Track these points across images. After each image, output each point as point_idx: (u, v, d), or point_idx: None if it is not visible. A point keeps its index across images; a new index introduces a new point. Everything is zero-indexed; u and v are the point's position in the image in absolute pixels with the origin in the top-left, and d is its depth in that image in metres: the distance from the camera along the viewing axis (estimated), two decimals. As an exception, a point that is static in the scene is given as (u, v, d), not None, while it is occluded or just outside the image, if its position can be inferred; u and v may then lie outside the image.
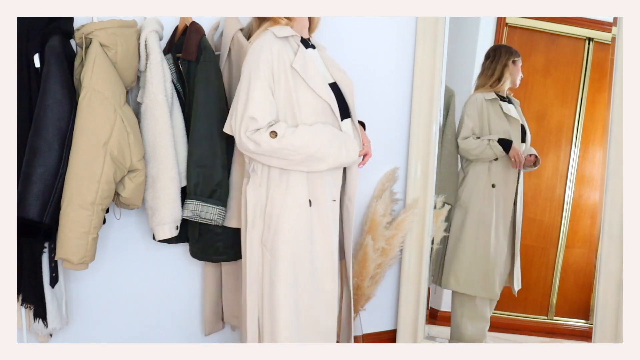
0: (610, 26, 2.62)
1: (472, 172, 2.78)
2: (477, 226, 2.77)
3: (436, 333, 2.87)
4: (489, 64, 2.78)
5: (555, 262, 2.81)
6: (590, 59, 2.75)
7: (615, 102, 2.55)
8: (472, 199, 2.78)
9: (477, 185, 2.77)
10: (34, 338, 2.32)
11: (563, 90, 2.74)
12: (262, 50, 2.00)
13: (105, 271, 2.47)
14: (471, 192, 2.78)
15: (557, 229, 2.80)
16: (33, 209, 2.02)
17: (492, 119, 2.75)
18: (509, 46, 2.77)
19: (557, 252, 2.80)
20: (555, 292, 2.79)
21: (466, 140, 2.75)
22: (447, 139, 2.82)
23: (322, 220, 2.11)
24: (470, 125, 2.75)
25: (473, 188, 2.78)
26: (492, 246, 2.76)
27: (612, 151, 2.56)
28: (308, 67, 2.03)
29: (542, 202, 2.82)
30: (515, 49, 2.76)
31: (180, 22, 2.32)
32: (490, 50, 2.79)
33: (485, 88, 2.76)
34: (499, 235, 2.76)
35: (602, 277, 2.58)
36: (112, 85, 2.07)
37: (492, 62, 2.77)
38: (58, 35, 2.05)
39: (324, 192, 2.10)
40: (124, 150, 2.09)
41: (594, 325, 2.61)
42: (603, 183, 2.60)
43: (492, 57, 2.78)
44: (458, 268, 2.80)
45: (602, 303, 2.59)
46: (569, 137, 2.75)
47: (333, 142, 2.05)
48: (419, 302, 2.84)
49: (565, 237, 2.76)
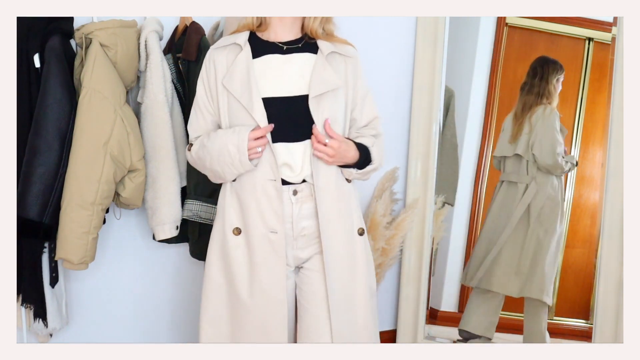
0: (610, 26, 2.62)
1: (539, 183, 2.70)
2: (555, 239, 2.72)
3: (436, 333, 2.87)
4: (537, 82, 2.71)
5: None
6: (590, 59, 2.74)
7: (615, 102, 2.55)
8: (545, 212, 2.70)
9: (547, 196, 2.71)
10: (34, 338, 2.32)
11: (563, 90, 2.74)
12: (203, 64, 1.86)
13: (105, 271, 2.47)
14: (542, 204, 2.71)
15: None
16: (33, 209, 2.02)
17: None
18: (555, 61, 2.69)
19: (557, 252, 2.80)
20: (555, 292, 2.79)
21: (561, 158, 2.64)
22: (447, 139, 2.82)
23: (254, 255, 1.79)
24: (562, 141, 2.66)
25: (544, 201, 2.70)
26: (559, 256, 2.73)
27: (612, 151, 2.56)
28: (234, 81, 1.78)
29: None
30: (560, 63, 2.68)
31: (180, 22, 2.32)
32: (537, 66, 2.71)
33: (543, 104, 2.69)
34: (560, 245, 2.74)
35: (602, 277, 2.58)
36: (112, 85, 2.07)
37: (540, 79, 2.71)
38: (58, 35, 2.05)
39: (255, 220, 1.79)
40: (124, 150, 2.10)
41: (594, 325, 2.61)
42: (603, 183, 2.60)
43: (540, 74, 2.70)
44: (540, 277, 2.71)
45: (602, 303, 2.59)
46: (569, 137, 2.75)
47: (222, 151, 1.76)
48: (419, 302, 2.84)
49: (565, 237, 2.76)
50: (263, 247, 1.79)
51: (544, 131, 2.65)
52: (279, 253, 1.79)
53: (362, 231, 1.90)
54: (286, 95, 1.80)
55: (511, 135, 2.73)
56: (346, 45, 1.89)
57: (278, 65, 1.82)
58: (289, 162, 1.80)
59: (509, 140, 2.73)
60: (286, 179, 1.80)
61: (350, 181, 1.90)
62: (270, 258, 1.79)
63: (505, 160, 2.75)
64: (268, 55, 1.83)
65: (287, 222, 1.81)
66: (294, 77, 1.81)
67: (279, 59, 1.83)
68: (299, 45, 1.85)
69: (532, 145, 2.66)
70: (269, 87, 1.79)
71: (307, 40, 1.87)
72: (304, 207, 1.82)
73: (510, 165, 2.73)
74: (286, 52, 1.83)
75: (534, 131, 2.66)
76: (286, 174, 1.80)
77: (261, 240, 1.79)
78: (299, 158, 1.81)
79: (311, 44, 1.86)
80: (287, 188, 1.80)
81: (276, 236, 1.78)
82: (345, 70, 1.87)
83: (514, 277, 2.73)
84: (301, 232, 1.82)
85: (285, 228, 1.80)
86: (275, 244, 1.78)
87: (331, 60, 1.85)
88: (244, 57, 1.81)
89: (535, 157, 2.65)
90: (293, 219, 1.81)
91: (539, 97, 2.69)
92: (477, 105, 2.86)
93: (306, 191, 1.81)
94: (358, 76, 1.91)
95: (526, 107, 2.71)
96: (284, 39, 1.85)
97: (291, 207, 1.81)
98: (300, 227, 1.82)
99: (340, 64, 1.87)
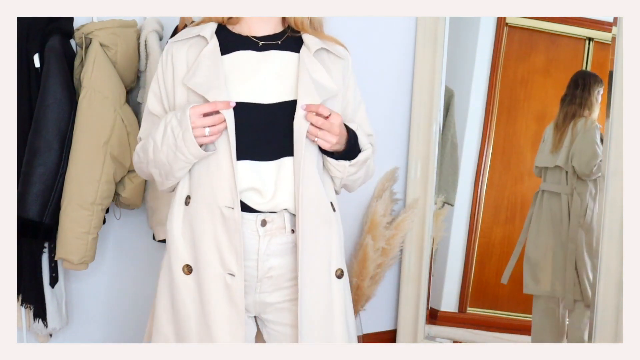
0: (610, 26, 2.61)
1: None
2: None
3: (436, 333, 2.87)
4: (579, 93, 2.72)
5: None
6: (590, 59, 2.74)
7: (615, 102, 2.55)
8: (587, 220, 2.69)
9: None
10: (34, 338, 2.32)
11: (563, 90, 2.74)
12: (159, 60, 1.54)
13: (105, 271, 2.47)
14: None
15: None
16: (33, 209, 2.02)
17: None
18: (595, 74, 2.69)
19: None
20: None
21: (596, 168, 2.62)
22: (447, 139, 2.82)
23: (206, 301, 1.44)
24: (600, 153, 2.63)
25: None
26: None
27: (612, 151, 2.56)
28: (198, 77, 1.45)
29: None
30: (600, 76, 2.67)
31: (180, 22, 2.32)
32: (579, 78, 2.72)
33: (584, 116, 2.70)
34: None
35: (602, 277, 2.58)
36: (112, 85, 2.07)
37: (582, 90, 2.72)
38: (58, 35, 2.06)
39: (209, 257, 1.44)
40: (124, 150, 2.10)
41: (594, 325, 2.61)
42: (603, 183, 2.60)
43: (582, 85, 2.70)
44: (583, 282, 2.70)
45: (602, 303, 2.58)
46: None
47: (166, 130, 1.43)
48: (419, 302, 2.84)
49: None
50: (217, 292, 1.43)
51: (585, 143, 2.67)
52: (236, 301, 1.42)
53: (340, 273, 1.53)
54: (258, 102, 1.45)
55: (552, 145, 2.73)
56: (336, 45, 1.58)
57: (251, 64, 1.48)
58: (256, 185, 1.45)
59: (550, 150, 2.74)
60: (253, 205, 1.46)
61: (335, 209, 1.55)
62: (224, 307, 1.43)
63: (546, 170, 2.76)
64: (239, 52, 1.49)
65: (251, 259, 1.46)
66: (270, 79, 1.47)
67: (253, 57, 1.49)
68: (278, 41, 1.51)
69: (571, 157, 2.67)
70: (238, 90, 1.45)
71: (290, 34, 1.54)
72: (273, 241, 1.47)
73: (550, 175, 2.74)
74: (262, 48, 1.50)
75: (575, 143, 2.68)
76: (253, 199, 1.45)
77: (215, 283, 1.43)
78: (271, 181, 1.45)
79: (294, 40, 1.53)
80: (254, 217, 1.46)
81: (234, 280, 1.42)
82: (336, 73, 1.54)
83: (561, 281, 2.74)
84: (267, 273, 1.48)
85: (246, 268, 1.45)
86: (232, 290, 1.42)
87: (321, 59, 1.52)
88: (209, 51, 1.47)
89: (574, 169, 2.66)
90: (259, 256, 1.46)
91: (580, 108, 2.70)
92: (477, 105, 2.86)
93: (278, 222, 1.47)
94: (350, 83, 1.59)
95: (567, 117, 2.73)
96: (260, 33, 1.51)
97: (257, 241, 1.46)
98: (267, 267, 1.48)
99: (331, 64, 1.54)
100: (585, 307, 2.69)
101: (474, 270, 2.88)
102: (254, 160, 1.45)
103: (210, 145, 1.44)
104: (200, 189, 1.46)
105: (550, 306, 2.75)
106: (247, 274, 1.46)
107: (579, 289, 2.69)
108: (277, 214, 1.47)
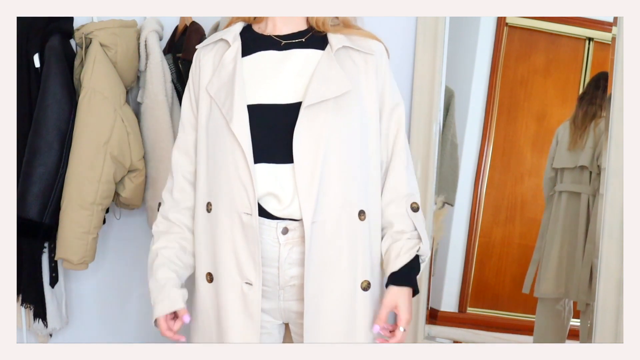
0: (610, 26, 2.61)
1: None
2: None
3: (436, 333, 2.86)
4: (600, 94, 2.70)
5: (555, 262, 2.81)
6: (590, 59, 2.74)
7: (615, 102, 2.55)
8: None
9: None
10: (34, 338, 2.32)
11: (563, 90, 2.74)
12: (191, 67, 1.53)
13: (105, 271, 2.47)
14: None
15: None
16: (33, 209, 2.02)
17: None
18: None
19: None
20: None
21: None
22: (447, 139, 2.82)
23: (224, 307, 1.43)
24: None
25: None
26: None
27: (612, 151, 2.56)
28: (215, 84, 1.44)
29: (542, 202, 2.82)
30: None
31: (180, 22, 2.32)
32: (600, 78, 2.68)
33: (603, 116, 2.69)
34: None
35: (602, 277, 2.58)
36: (112, 85, 2.07)
37: (603, 91, 2.69)
38: (58, 35, 2.06)
39: (228, 265, 1.42)
40: (124, 150, 2.10)
41: (594, 325, 2.61)
42: (603, 183, 2.60)
43: (604, 86, 2.65)
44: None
45: (602, 303, 2.58)
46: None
47: (151, 287, 1.58)
48: (419, 302, 2.84)
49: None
50: (234, 301, 1.41)
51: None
52: (251, 310, 1.40)
53: (367, 285, 1.46)
54: (277, 102, 1.41)
55: (570, 144, 2.71)
56: (368, 39, 1.51)
57: (272, 64, 1.45)
58: (274, 190, 1.39)
59: (567, 148, 2.71)
60: (272, 212, 1.41)
61: (365, 218, 1.46)
62: (239, 315, 1.41)
63: (562, 171, 2.74)
64: (260, 52, 1.46)
65: (272, 266, 1.42)
66: (290, 78, 1.43)
67: (274, 56, 1.45)
68: (302, 39, 1.47)
69: (597, 157, 2.65)
70: (257, 91, 1.42)
71: (314, 33, 1.49)
72: (294, 250, 1.42)
73: (569, 175, 2.72)
74: (284, 47, 1.46)
75: (600, 143, 2.67)
76: (272, 205, 1.41)
77: (232, 292, 1.41)
78: (289, 185, 1.39)
79: (320, 39, 1.48)
80: (274, 224, 1.41)
81: (251, 289, 1.39)
82: (365, 71, 1.47)
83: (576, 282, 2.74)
84: (289, 282, 1.43)
85: (267, 274, 1.42)
86: (249, 299, 1.39)
87: (343, 57, 1.46)
88: (231, 55, 1.45)
89: (600, 169, 2.65)
90: (280, 263, 1.42)
91: (600, 109, 2.69)
92: (477, 105, 2.86)
93: (300, 230, 1.40)
94: (386, 79, 1.49)
95: (587, 116, 2.72)
96: (283, 31, 1.48)
97: (278, 249, 1.41)
98: (289, 276, 1.43)
99: (356, 61, 1.47)
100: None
101: (474, 270, 2.88)
102: (271, 162, 1.40)
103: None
104: (220, 194, 1.43)
105: (557, 308, 2.75)
106: (268, 280, 1.44)
107: (593, 290, 2.68)
108: (299, 222, 1.40)
